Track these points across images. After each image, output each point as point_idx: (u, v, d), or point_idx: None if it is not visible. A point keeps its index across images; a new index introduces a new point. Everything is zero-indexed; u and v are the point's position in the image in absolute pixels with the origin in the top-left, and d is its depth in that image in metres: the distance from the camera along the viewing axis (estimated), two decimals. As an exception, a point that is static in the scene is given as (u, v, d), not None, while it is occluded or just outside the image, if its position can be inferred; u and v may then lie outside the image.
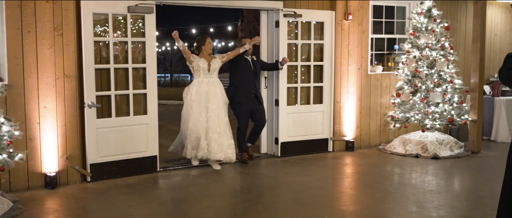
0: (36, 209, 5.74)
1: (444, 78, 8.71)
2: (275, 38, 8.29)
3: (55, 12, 6.47)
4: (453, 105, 8.72)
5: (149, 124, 7.26)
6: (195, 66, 7.51)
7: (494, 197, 5.99)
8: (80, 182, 6.79)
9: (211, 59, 7.60)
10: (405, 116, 8.81)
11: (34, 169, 6.48)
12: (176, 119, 14.18)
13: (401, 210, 5.74)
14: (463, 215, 5.58)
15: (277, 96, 8.36)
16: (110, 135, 6.94)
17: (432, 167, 7.82)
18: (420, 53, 8.78)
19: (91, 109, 6.73)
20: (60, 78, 6.56)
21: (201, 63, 7.50)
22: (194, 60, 7.51)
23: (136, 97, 7.21)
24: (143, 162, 7.24)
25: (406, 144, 8.76)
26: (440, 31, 8.80)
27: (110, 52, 6.90)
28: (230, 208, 5.80)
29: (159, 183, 6.97)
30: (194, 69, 7.53)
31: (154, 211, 5.74)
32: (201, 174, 7.37)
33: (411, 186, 6.82)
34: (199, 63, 7.50)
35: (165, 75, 36.50)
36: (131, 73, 7.09)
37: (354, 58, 9.00)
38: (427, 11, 8.85)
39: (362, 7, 9.03)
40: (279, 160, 8.25)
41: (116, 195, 6.31)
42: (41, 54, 6.40)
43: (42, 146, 6.50)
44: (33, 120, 6.42)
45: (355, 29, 8.98)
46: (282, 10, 8.19)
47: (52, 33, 6.46)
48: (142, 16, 7.11)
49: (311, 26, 8.55)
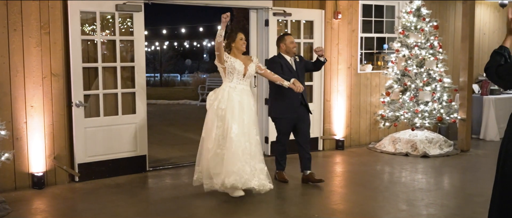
0: (23, 209, 5.68)
1: (434, 77, 8.73)
2: (265, 37, 8.27)
3: (41, 10, 6.40)
4: (442, 104, 8.74)
5: (138, 124, 7.21)
6: (229, 67, 6.01)
7: (484, 195, 6.01)
8: (68, 182, 6.73)
9: (247, 62, 6.15)
10: (394, 114, 8.82)
11: (21, 169, 6.40)
12: (165, 119, 14.23)
13: (391, 208, 5.74)
14: (453, 213, 5.58)
15: (266, 95, 8.33)
16: (98, 135, 6.88)
17: (422, 166, 7.83)
18: (410, 52, 8.79)
19: (79, 108, 6.67)
20: (47, 77, 6.49)
21: (237, 65, 6.01)
22: (228, 60, 6.00)
23: (125, 96, 7.15)
24: (132, 161, 7.18)
25: (396, 142, 8.77)
26: (429, 30, 8.82)
27: (98, 51, 6.85)
28: (220, 207, 5.76)
29: (149, 182, 6.92)
30: (227, 71, 6.02)
31: (143, 210, 5.70)
32: (190, 173, 7.33)
33: (401, 184, 6.82)
34: (235, 64, 6.00)
35: (154, 75, 36.37)
36: (120, 72, 7.04)
37: (344, 57, 8.99)
38: (416, 10, 8.87)
39: (352, 6, 9.03)
40: (269, 159, 8.20)
41: (105, 195, 6.25)
42: (27, 53, 6.33)
43: (29, 146, 6.43)
44: (20, 119, 6.35)
45: (345, 28, 8.98)
46: (271, 9, 8.16)
47: (39, 32, 6.39)
48: (131, 14, 7.06)
49: (300, 25, 8.53)
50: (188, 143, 9.90)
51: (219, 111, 5.90)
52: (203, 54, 46.36)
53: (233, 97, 5.93)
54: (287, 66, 6.58)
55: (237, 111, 5.88)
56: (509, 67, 3.83)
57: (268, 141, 8.37)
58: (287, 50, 6.64)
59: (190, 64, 43.54)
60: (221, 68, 6.03)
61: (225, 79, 6.06)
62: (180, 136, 10.78)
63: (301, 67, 6.75)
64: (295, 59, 6.71)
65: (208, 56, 45.88)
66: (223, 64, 5.98)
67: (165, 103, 18.83)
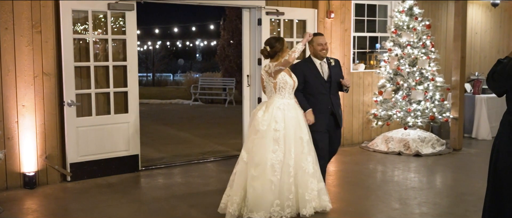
0: (15, 209, 5.64)
1: (426, 76, 8.75)
2: (257, 36, 8.25)
3: (33, 9, 6.36)
4: (434, 103, 8.77)
5: (130, 123, 7.18)
6: (281, 82, 5.28)
7: (476, 193, 6.04)
8: (60, 182, 6.69)
9: (290, 73, 5.51)
10: (387, 114, 8.84)
11: (12, 169, 6.36)
12: (158, 118, 14.20)
13: (384, 207, 5.74)
14: (445, 211, 5.60)
15: (259, 94, 8.32)
16: (90, 134, 6.84)
17: (414, 165, 7.85)
18: (402, 51, 8.81)
19: (71, 107, 6.63)
20: (39, 76, 6.45)
21: (288, 79, 5.33)
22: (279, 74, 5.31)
23: (117, 95, 7.12)
24: (125, 161, 7.15)
25: (389, 141, 8.79)
26: (421, 29, 8.85)
27: (90, 50, 6.81)
28: (213, 206, 5.74)
29: (141, 182, 6.90)
30: (277, 86, 5.29)
31: (136, 210, 5.68)
32: (183, 173, 7.31)
33: (394, 183, 6.84)
34: (286, 78, 5.32)
35: (147, 75, 36.27)
36: (112, 71, 7.01)
37: (336, 56, 8.99)
38: (408, 10, 8.89)
39: (344, 6, 9.04)
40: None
41: (97, 194, 6.22)
42: (19, 52, 6.29)
43: (21, 145, 6.39)
44: (11, 118, 6.31)
45: (337, 27, 8.98)
46: (264, 8, 8.15)
47: (30, 31, 6.35)
48: (123, 13, 7.03)
49: (293, 24, 8.53)
50: (180, 142, 9.88)
51: (274, 133, 5.17)
52: (196, 53, 46.27)
53: (289, 114, 5.26)
54: (313, 72, 5.75)
55: (297, 130, 5.27)
56: (502, 69, 3.84)
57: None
58: (315, 53, 5.80)
59: (183, 63, 43.46)
60: (272, 83, 5.29)
61: (277, 94, 5.29)
62: (172, 136, 10.75)
63: (336, 73, 5.89)
64: (329, 62, 5.87)
65: (201, 55, 45.80)
66: (276, 79, 5.27)
67: (157, 102, 18.78)
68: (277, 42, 5.36)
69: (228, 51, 19.19)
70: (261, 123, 5.19)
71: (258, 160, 5.15)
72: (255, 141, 5.22)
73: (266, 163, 5.11)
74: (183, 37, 38.60)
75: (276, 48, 5.34)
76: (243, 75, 8.53)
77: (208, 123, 12.65)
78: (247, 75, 8.48)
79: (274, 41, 5.39)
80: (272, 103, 5.28)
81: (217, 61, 20.51)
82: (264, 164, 5.12)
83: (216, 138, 10.19)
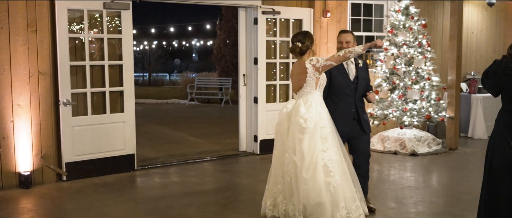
0: (10, 208, 5.62)
1: (422, 75, 8.76)
2: (254, 36, 8.25)
3: (28, 8, 6.33)
4: (430, 102, 8.78)
5: (126, 122, 7.16)
6: (323, 79, 4.95)
7: (472, 192, 6.05)
8: (55, 181, 6.67)
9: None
10: (383, 113, 8.84)
11: (8, 168, 6.34)
12: (154, 118, 14.17)
13: (380, 206, 5.74)
14: (441, 210, 5.60)
15: (256, 93, 8.32)
16: (86, 133, 6.82)
17: (411, 164, 7.86)
18: (398, 51, 8.82)
19: (67, 106, 6.61)
20: (34, 75, 6.43)
21: (325, 76, 5.03)
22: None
23: (113, 94, 7.10)
24: (121, 160, 7.13)
25: (385, 141, 8.79)
26: (417, 29, 8.86)
27: (86, 49, 6.79)
28: (209, 205, 5.74)
29: (137, 181, 6.88)
30: (319, 82, 4.92)
31: (132, 209, 5.66)
32: (179, 172, 7.30)
33: (390, 182, 6.84)
34: (325, 76, 5.01)
35: (143, 74, 36.21)
36: (108, 71, 6.99)
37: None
38: (404, 9, 8.90)
39: (340, 5, 9.04)
40: (258, 157, 8.21)
41: (93, 194, 6.20)
42: (14, 51, 6.27)
43: (16, 145, 6.37)
44: (7, 118, 6.28)
45: (334, 26, 8.98)
46: (260, 7, 8.15)
47: (25, 30, 6.33)
48: (119, 12, 7.01)
49: (289, 24, 8.52)
50: (177, 142, 9.87)
51: (323, 131, 4.78)
52: (192, 53, 46.23)
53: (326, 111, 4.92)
54: (339, 71, 5.31)
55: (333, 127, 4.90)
56: (496, 67, 3.85)
57: (257, 139, 8.35)
58: None
59: (179, 63, 43.42)
60: (315, 79, 4.87)
61: (315, 91, 4.89)
62: (169, 135, 10.74)
63: (363, 75, 5.45)
64: (357, 63, 5.44)
65: (197, 55, 45.76)
66: (321, 74, 4.90)
67: (153, 102, 18.76)
68: (307, 38, 4.98)
69: (225, 50, 19.17)
70: (311, 121, 4.75)
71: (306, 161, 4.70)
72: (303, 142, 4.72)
73: (319, 164, 4.67)
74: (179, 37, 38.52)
75: (308, 44, 4.97)
76: (239, 74, 8.54)
77: (204, 123, 12.64)
78: (243, 74, 8.48)
79: (302, 37, 4.98)
80: (313, 99, 4.87)
81: (214, 60, 20.49)
82: (317, 165, 4.67)
83: (212, 138, 10.18)
